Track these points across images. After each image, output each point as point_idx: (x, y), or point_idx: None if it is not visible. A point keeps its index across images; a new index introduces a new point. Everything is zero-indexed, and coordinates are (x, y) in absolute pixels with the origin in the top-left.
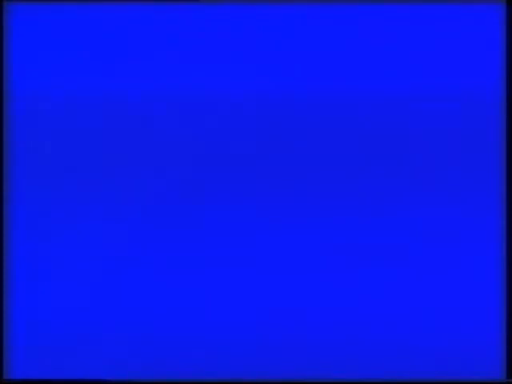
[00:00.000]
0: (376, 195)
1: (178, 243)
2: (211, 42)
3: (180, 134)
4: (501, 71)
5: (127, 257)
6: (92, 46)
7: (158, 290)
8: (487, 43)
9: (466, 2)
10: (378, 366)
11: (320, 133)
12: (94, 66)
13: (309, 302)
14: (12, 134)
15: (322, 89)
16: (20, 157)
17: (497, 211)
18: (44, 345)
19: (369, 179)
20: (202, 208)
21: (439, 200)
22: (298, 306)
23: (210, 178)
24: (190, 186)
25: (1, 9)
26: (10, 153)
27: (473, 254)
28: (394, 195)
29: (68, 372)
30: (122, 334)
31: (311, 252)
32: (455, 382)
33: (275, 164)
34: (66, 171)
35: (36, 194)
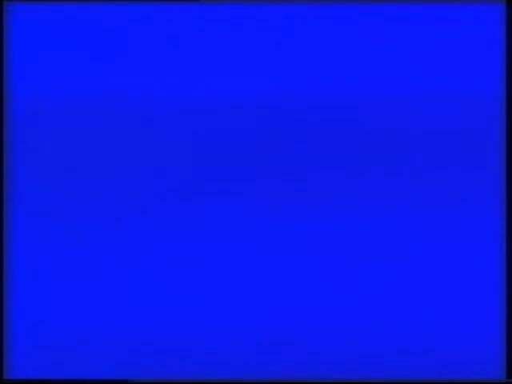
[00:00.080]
0: (376, 195)
1: (178, 243)
2: (211, 42)
3: (180, 134)
4: (501, 71)
5: (127, 257)
6: (92, 46)
7: (157, 290)
8: (487, 43)
9: (465, 2)
10: (377, 365)
11: (320, 133)
12: (94, 66)
13: (309, 301)
14: (12, 134)
15: (322, 89)
16: (20, 157)
17: (497, 211)
18: (44, 345)
19: (369, 179)
20: (202, 208)
21: (439, 200)
22: (298, 306)
23: (210, 178)
24: (190, 186)
25: (1, 9)
26: (10, 153)
27: (473, 254)
28: (394, 195)
29: (68, 372)
30: (122, 334)
31: (311, 252)
32: (455, 382)
33: (275, 164)
34: (65, 171)
35: (36, 194)
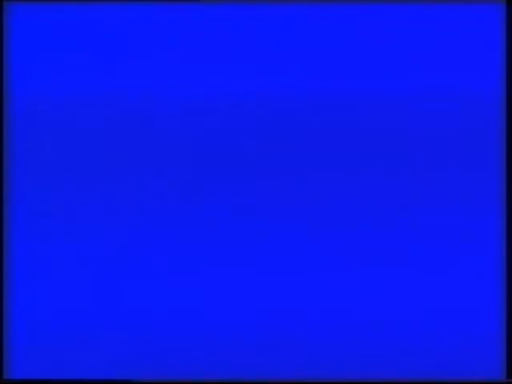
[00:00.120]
0: (376, 195)
1: (178, 243)
2: (211, 42)
3: (180, 134)
4: (501, 71)
5: (127, 257)
6: (92, 47)
7: (157, 289)
8: (487, 43)
9: (465, 2)
10: (377, 365)
11: (320, 133)
12: (95, 66)
13: (309, 302)
14: (12, 134)
15: (322, 89)
16: (20, 157)
17: (497, 211)
18: (44, 345)
19: (369, 179)
20: (202, 208)
21: (439, 200)
22: (298, 306)
23: (210, 178)
24: (190, 186)
25: (1, 9)
26: (10, 153)
27: (473, 254)
28: (394, 195)
29: (68, 372)
30: (122, 334)
31: (311, 252)
32: (455, 382)
33: (275, 164)
34: (66, 171)
35: (36, 194)
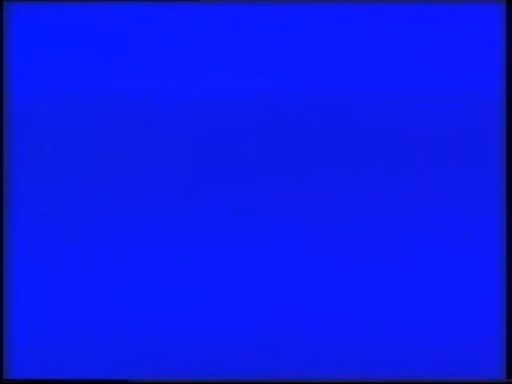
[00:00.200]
0: (376, 195)
1: (178, 243)
2: (211, 42)
3: (180, 134)
4: (501, 71)
5: (127, 257)
6: (92, 47)
7: (158, 289)
8: (487, 43)
9: (465, 2)
10: (378, 365)
11: (320, 133)
12: (94, 66)
13: (309, 301)
14: (12, 134)
15: (322, 89)
16: (20, 157)
17: (497, 211)
18: (44, 345)
19: (368, 179)
20: (202, 208)
21: (439, 200)
22: (298, 306)
23: (210, 178)
24: (190, 186)
25: (1, 9)
26: (10, 153)
27: (473, 254)
28: (394, 195)
29: (68, 372)
30: (122, 334)
31: (312, 252)
32: (455, 382)
33: (276, 164)
34: (66, 171)
35: (36, 194)
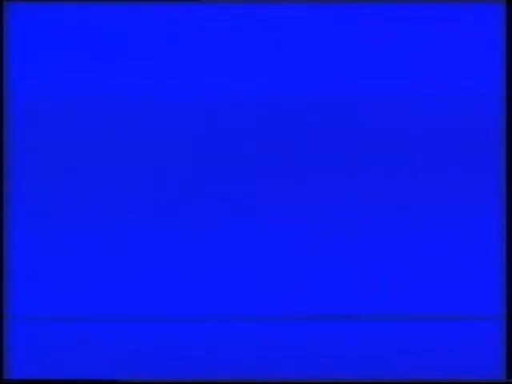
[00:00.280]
0: (375, 195)
1: (178, 243)
2: (211, 42)
3: (180, 134)
4: (501, 71)
5: (127, 257)
6: (92, 47)
7: (158, 290)
8: (487, 43)
9: (465, 2)
10: (378, 366)
11: (321, 133)
12: (94, 66)
13: (309, 301)
14: (12, 134)
15: (322, 89)
16: (20, 157)
17: (497, 211)
18: (44, 345)
19: (368, 179)
20: (202, 208)
21: (439, 200)
22: (298, 306)
23: (211, 178)
24: (190, 186)
25: (1, 9)
26: (10, 153)
27: (473, 254)
28: (394, 195)
29: (68, 372)
30: (122, 334)
31: (312, 252)
32: (455, 381)
33: (276, 164)
34: (66, 171)
35: (36, 194)
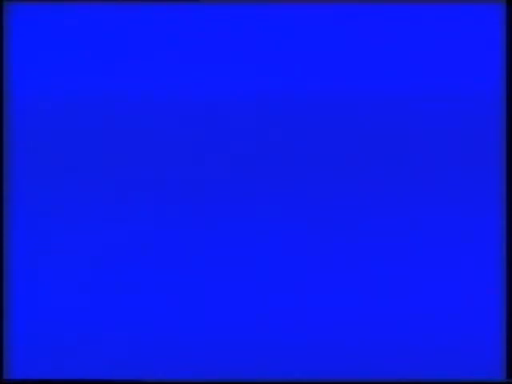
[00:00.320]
0: (376, 195)
1: (178, 243)
2: (211, 42)
3: (180, 133)
4: (501, 71)
5: (127, 257)
6: (92, 47)
7: (158, 289)
8: (487, 43)
9: (465, 2)
10: (378, 366)
11: (320, 133)
12: (95, 66)
13: (309, 301)
14: (12, 134)
15: (322, 89)
16: (20, 157)
17: (497, 211)
18: (44, 345)
19: (368, 179)
20: (202, 208)
21: (439, 200)
22: (298, 306)
23: (211, 178)
24: (190, 186)
25: (1, 9)
26: (10, 153)
27: (473, 254)
28: (394, 195)
29: (68, 372)
30: (122, 334)
31: (312, 252)
32: (455, 381)
33: (276, 164)
34: (66, 171)
35: (36, 194)
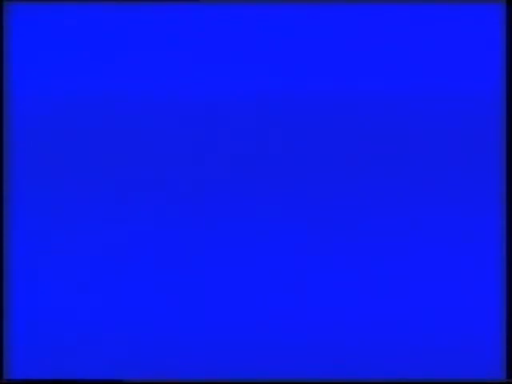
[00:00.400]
0: (376, 195)
1: (178, 243)
2: (211, 42)
3: (180, 134)
4: (501, 71)
5: (127, 257)
6: (92, 47)
7: (157, 290)
8: (487, 43)
9: (465, 2)
10: (378, 366)
11: (320, 133)
12: (94, 66)
13: (308, 301)
14: (12, 135)
15: (322, 89)
16: (20, 157)
17: (497, 211)
18: (44, 345)
19: (368, 179)
20: (202, 208)
21: (439, 200)
22: (298, 306)
23: (211, 179)
24: (190, 186)
25: (1, 9)
26: (10, 153)
27: (473, 254)
28: (394, 195)
29: (68, 372)
30: (122, 334)
31: (312, 252)
32: (455, 381)
33: (276, 164)
34: (66, 171)
35: (36, 194)
